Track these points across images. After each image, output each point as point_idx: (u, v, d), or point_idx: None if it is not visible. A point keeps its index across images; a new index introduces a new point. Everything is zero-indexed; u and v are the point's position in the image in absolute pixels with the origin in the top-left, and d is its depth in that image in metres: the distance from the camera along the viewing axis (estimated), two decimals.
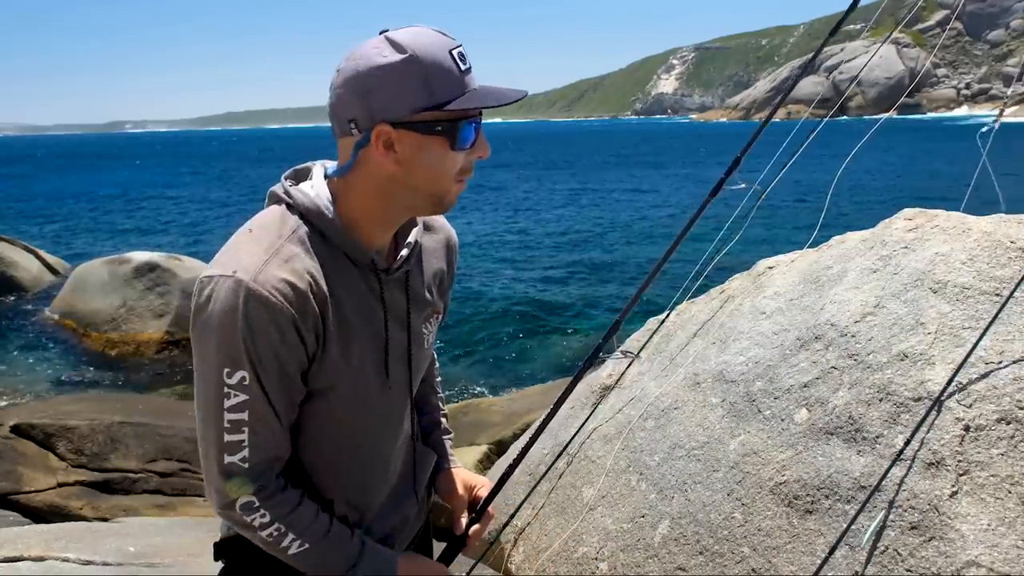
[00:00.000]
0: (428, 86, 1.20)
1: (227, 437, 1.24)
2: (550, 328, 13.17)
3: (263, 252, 1.22)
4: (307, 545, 1.31)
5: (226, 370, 1.21)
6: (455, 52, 1.22)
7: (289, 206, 1.29)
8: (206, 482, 1.31)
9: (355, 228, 1.30)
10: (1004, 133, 2.28)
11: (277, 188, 1.32)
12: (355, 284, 1.31)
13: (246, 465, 1.26)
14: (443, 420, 1.71)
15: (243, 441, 1.24)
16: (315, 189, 1.30)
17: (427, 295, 1.45)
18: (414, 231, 1.41)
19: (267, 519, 1.29)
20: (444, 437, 1.68)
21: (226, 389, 1.22)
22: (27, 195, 40.88)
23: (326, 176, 1.33)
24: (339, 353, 1.29)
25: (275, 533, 1.29)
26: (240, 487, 1.26)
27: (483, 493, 1.61)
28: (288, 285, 1.20)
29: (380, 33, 1.24)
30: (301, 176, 1.36)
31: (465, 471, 1.67)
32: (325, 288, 1.26)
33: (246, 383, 1.21)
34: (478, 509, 1.60)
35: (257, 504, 1.27)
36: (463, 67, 1.22)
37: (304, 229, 1.27)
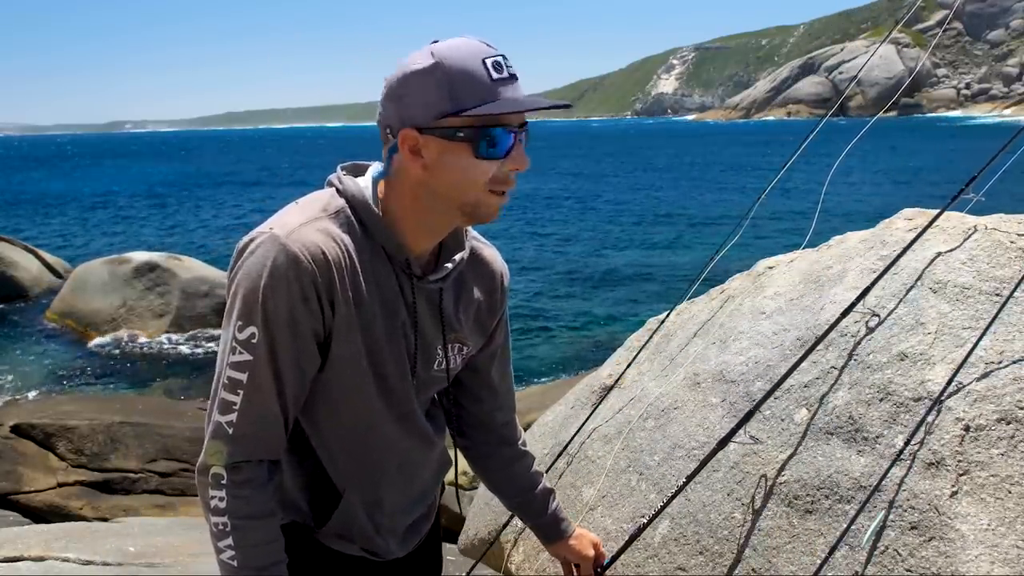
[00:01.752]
0: (453, 92, 1.20)
1: (222, 394, 1.23)
2: (551, 328, 13.17)
3: (303, 218, 1.25)
4: (235, 563, 1.24)
5: (239, 323, 1.21)
6: (490, 60, 1.21)
7: (338, 191, 1.31)
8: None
9: (395, 227, 1.31)
10: (1010, 132, 2.28)
11: (333, 176, 1.35)
12: (387, 278, 1.31)
13: (231, 431, 1.22)
14: (547, 483, 1.75)
15: (235, 404, 1.22)
16: (364, 182, 1.33)
17: (456, 320, 1.43)
18: (460, 253, 1.41)
19: (223, 505, 1.23)
20: (557, 502, 1.74)
21: (234, 343, 1.22)
22: (27, 195, 40.86)
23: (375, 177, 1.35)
24: (357, 336, 1.29)
25: (220, 526, 1.24)
26: (216, 452, 1.23)
27: (604, 550, 1.79)
28: (318, 247, 1.22)
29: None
30: (359, 171, 1.38)
31: (584, 531, 1.79)
32: (356, 266, 1.26)
33: (254, 341, 1.21)
34: (604, 565, 1.77)
35: (224, 482, 1.23)
36: (495, 75, 1.21)
37: (348, 213, 1.29)
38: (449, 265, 1.37)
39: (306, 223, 1.24)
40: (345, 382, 1.31)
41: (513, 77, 1.23)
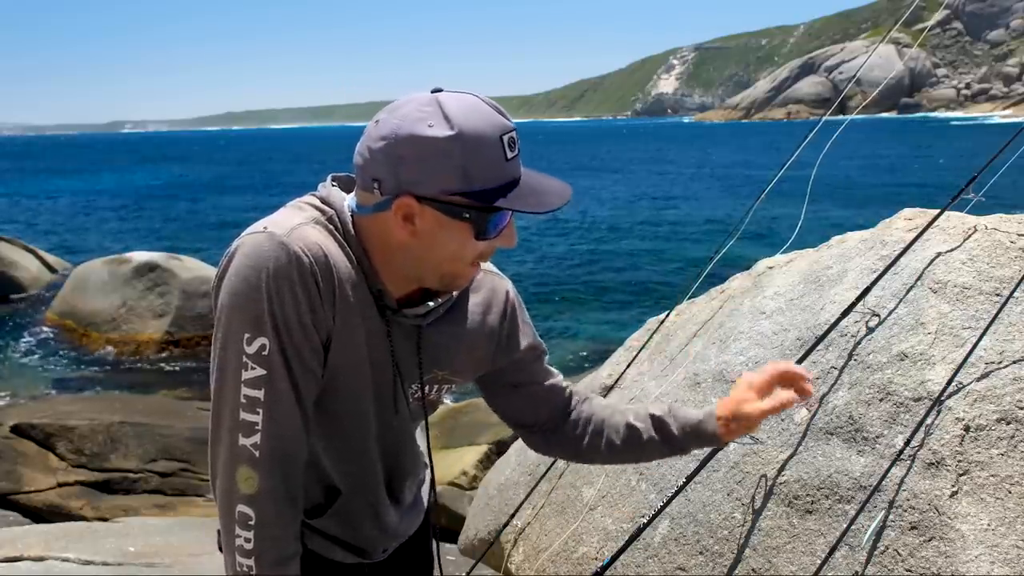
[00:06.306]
0: (467, 171, 1.10)
1: (242, 415, 1.14)
2: (550, 329, 13.17)
3: (301, 218, 1.17)
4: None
5: (246, 335, 1.11)
6: (506, 137, 1.12)
7: (322, 200, 1.23)
8: (212, 469, 1.19)
9: (368, 259, 1.22)
10: (1010, 132, 2.28)
11: (322, 185, 1.25)
12: (366, 297, 1.22)
13: (257, 453, 1.14)
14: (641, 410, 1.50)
15: (256, 424, 1.14)
16: (348, 202, 1.22)
17: (441, 361, 1.33)
18: (448, 295, 1.29)
19: (249, 547, 1.15)
20: (673, 413, 1.45)
21: (244, 359, 1.12)
22: (27, 194, 40.85)
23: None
24: (338, 353, 1.22)
25: (245, 568, 1.16)
26: (248, 478, 1.15)
27: (782, 367, 1.37)
28: (320, 249, 1.13)
29: (432, 91, 1.14)
30: (350, 185, 1.26)
31: (724, 399, 1.41)
32: (350, 273, 1.18)
33: (265, 353, 1.12)
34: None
35: (253, 522, 1.16)
36: (510, 154, 1.13)
37: (337, 222, 1.20)
38: (432, 303, 1.27)
39: (305, 223, 1.15)
40: (340, 390, 1.24)
41: (518, 153, 1.15)
